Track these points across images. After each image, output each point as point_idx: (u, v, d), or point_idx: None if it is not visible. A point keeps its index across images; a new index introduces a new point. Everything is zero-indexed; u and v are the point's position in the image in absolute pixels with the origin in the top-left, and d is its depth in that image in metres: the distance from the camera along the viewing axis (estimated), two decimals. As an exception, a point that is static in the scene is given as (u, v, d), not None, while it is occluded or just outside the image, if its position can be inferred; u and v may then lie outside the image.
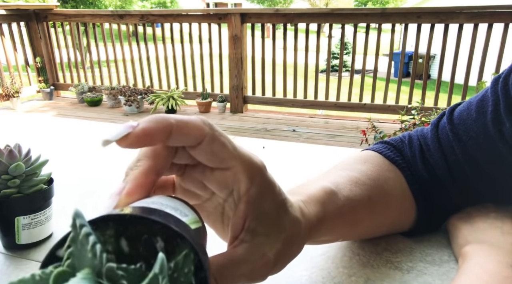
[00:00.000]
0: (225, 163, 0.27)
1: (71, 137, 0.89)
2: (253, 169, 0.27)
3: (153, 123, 0.24)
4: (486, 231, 0.42)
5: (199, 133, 0.25)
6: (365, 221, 0.42)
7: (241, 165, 0.27)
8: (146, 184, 0.25)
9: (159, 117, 0.24)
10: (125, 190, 0.25)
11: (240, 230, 0.28)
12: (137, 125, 0.23)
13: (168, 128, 0.24)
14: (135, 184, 0.25)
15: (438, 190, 0.45)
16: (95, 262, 0.17)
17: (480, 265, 0.37)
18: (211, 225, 0.32)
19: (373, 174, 0.43)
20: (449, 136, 0.44)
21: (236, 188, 0.28)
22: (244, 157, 0.27)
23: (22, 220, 0.46)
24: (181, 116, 0.25)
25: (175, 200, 0.26)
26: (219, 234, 0.32)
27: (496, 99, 0.40)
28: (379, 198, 0.42)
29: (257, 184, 0.27)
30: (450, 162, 0.44)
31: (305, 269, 0.42)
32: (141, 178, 0.25)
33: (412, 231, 0.47)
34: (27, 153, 0.48)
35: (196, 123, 0.25)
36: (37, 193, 0.47)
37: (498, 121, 0.40)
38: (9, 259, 0.46)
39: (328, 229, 0.37)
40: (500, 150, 0.41)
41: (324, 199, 0.36)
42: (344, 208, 0.38)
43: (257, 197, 0.27)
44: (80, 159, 0.76)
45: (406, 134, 0.50)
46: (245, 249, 0.27)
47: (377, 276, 0.41)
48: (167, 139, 0.24)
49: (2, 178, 0.45)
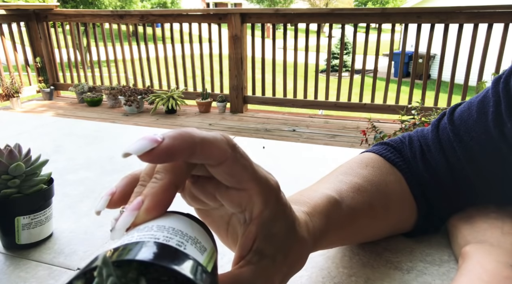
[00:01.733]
0: (242, 185, 0.26)
1: (71, 137, 0.89)
2: (269, 192, 0.27)
3: (179, 140, 0.23)
4: (486, 231, 0.42)
5: (222, 154, 0.25)
6: (366, 228, 0.43)
7: (258, 187, 0.26)
8: (164, 200, 0.24)
9: (185, 134, 0.23)
10: (144, 207, 0.24)
11: (248, 251, 0.27)
12: (162, 140, 0.23)
13: (192, 148, 0.23)
14: (155, 201, 0.24)
15: (439, 191, 0.45)
16: None
17: (480, 265, 0.37)
18: (214, 230, 0.31)
19: (375, 179, 0.43)
20: (450, 136, 0.44)
21: (249, 209, 0.27)
22: (261, 179, 0.27)
23: (22, 220, 0.46)
24: (206, 133, 0.25)
25: (193, 224, 0.26)
26: (222, 239, 0.32)
27: (497, 99, 0.40)
28: (381, 204, 0.42)
29: (271, 207, 0.27)
30: (452, 163, 0.44)
31: (305, 269, 0.42)
32: (161, 194, 0.24)
33: (413, 231, 0.47)
34: (27, 153, 0.48)
35: (220, 145, 0.25)
36: (37, 193, 0.47)
37: (500, 121, 0.40)
38: (9, 259, 0.46)
39: (329, 241, 0.37)
40: (501, 151, 0.41)
41: (328, 210, 0.36)
42: (347, 218, 0.38)
43: (269, 219, 0.27)
44: (80, 159, 0.76)
45: (406, 134, 0.50)
46: (251, 272, 0.26)
47: (377, 276, 0.41)
48: (189, 157, 0.24)
49: (2, 178, 0.45)
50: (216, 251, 0.27)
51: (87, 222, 0.53)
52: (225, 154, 0.25)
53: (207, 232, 0.27)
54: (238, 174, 0.26)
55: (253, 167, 0.27)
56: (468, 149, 0.43)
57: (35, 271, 0.43)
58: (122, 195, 0.26)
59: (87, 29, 4.90)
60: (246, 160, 0.26)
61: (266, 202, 0.27)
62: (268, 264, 0.27)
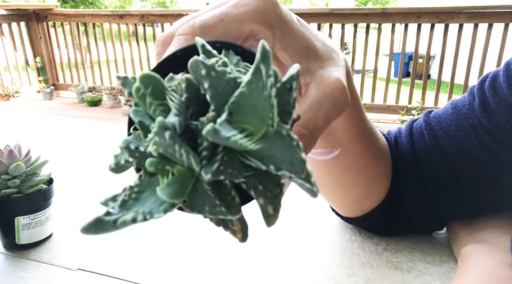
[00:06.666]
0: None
1: (71, 137, 0.89)
2: (266, 16, 0.26)
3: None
4: (485, 230, 0.42)
5: (238, 35, 0.25)
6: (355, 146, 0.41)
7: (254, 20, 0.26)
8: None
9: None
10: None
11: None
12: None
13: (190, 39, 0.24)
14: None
15: (403, 176, 0.45)
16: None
17: (480, 264, 0.37)
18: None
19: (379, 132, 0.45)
20: (422, 125, 0.45)
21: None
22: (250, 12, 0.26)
23: (22, 220, 0.46)
24: (208, 16, 0.25)
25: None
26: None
27: (472, 97, 0.43)
28: (378, 147, 0.43)
29: (276, 27, 0.26)
30: (417, 148, 0.45)
31: (305, 269, 0.42)
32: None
33: (382, 213, 0.46)
34: (27, 153, 0.48)
35: (229, 24, 0.25)
36: (37, 193, 0.47)
37: (471, 115, 0.41)
38: (9, 259, 0.46)
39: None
40: (469, 143, 0.41)
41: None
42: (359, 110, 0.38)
43: (284, 38, 0.26)
44: (80, 159, 0.76)
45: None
46: (314, 88, 0.26)
47: (377, 276, 0.41)
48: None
49: (2, 178, 0.45)
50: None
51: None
52: (242, 33, 0.25)
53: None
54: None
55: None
56: (437, 137, 0.43)
57: (35, 271, 0.43)
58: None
59: (87, 29, 4.89)
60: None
61: (270, 26, 0.26)
62: (322, 73, 0.26)
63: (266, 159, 0.16)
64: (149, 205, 0.17)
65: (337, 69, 0.27)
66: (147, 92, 0.18)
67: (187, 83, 0.18)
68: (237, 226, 0.19)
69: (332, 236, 0.49)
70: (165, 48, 0.25)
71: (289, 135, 0.16)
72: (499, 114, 0.39)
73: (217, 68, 0.17)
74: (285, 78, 0.17)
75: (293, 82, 0.17)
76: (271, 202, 0.18)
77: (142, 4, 18.42)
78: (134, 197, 0.18)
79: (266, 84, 0.16)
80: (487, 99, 0.40)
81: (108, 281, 0.42)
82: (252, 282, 0.41)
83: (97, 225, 0.17)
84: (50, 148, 0.81)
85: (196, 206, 0.18)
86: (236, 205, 0.18)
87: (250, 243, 0.48)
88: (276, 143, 0.16)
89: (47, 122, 0.98)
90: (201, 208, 0.17)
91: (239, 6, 0.25)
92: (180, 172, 0.17)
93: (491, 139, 0.40)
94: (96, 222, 0.17)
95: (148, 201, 0.17)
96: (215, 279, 0.42)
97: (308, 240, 0.49)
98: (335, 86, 0.25)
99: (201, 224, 0.47)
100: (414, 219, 0.46)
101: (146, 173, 0.19)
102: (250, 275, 0.42)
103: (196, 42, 0.20)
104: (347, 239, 0.48)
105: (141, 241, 0.49)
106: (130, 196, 0.18)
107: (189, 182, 0.17)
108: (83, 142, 0.86)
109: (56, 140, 0.88)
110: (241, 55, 0.21)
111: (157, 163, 0.17)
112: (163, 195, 0.16)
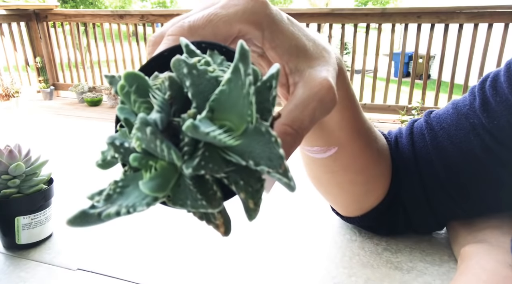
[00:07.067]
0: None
1: (71, 137, 0.89)
2: (254, 17, 0.26)
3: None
4: (485, 230, 0.42)
5: (227, 36, 0.26)
6: (352, 145, 0.40)
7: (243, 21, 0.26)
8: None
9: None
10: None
11: (285, 77, 0.27)
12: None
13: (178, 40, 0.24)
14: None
15: (403, 176, 0.45)
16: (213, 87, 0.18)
17: (480, 264, 0.37)
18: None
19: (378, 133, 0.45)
20: (423, 125, 0.45)
21: (254, 40, 0.27)
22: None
23: (22, 220, 0.46)
24: (197, 17, 0.25)
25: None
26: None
27: (473, 97, 0.43)
28: (376, 146, 0.43)
29: (265, 27, 0.26)
30: (417, 148, 0.45)
31: (305, 269, 0.42)
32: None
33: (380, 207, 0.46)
34: (27, 153, 0.48)
35: (217, 25, 0.25)
36: (37, 193, 0.47)
37: (472, 115, 0.41)
38: (9, 259, 0.46)
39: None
40: (469, 144, 0.41)
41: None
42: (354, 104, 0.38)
43: (273, 38, 0.27)
44: (80, 159, 0.76)
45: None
46: (302, 87, 0.26)
47: (377, 276, 0.41)
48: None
49: (2, 178, 0.45)
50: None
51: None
52: (230, 34, 0.25)
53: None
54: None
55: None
56: (438, 137, 0.43)
57: (35, 271, 0.43)
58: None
59: (87, 29, 4.89)
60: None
61: (258, 26, 0.26)
62: (310, 73, 0.27)
63: (245, 154, 0.17)
64: (133, 199, 0.18)
65: (327, 68, 0.27)
66: (131, 90, 0.18)
67: (170, 81, 0.18)
68: (219, 220, 0.20)
69: (332, 236, 0.49)
70: (155, 48, 0.26)
71: (268, 132, 0.17)
72: (500, 114, 0.39)
73: (198, 66, 0.18)
74: (265, 77, 0.18)
75: (273, 80, 0.18)
76: (252, 197, 0.18)
77: (142, 4, 18.43)
78: (118, 191, 0.18)
79: (245, 82, 0.16)
80: (488, 99, 0.40)
81: (108, 281, 0.42)
82: (252, 282, 0.41)
83: (82, 217, 0.17)
84: (50, 148, 0.81)
85: (179, 200, 0.18)
86: (217, 199, 0.18)
87: (250, 243, 0.48)
88: (256, 139, 0.17)
89: (47, 122, 0.98)
90: (183, 202, 0.18)
91: (228, 7, 0.25)
92: (162, 167, 0.18)
93: (491, 139, 0.40)
94: (81, 215, 0.17)
95: (132, 195, 0.18)
96: (215, 279, 0.42)
97: (308, 240, 0.49)
98: (322, 85, 0.25)
99: (201, 224, 0.47)
100: (414, 219, 0.46)
101: (130, 168, 0.19)
102: (250, 275, 0.42)
103: (181, 42, 0.20)
104: (347, 239, 0.48)
105: (141, 241, 0.49)
106: (115, 190, 0.18)
107: (172, 177, 0.18)
108: (83, 142, 0.86)
109: (56, 140, 0.88)
110: (226, 55, 0.21)
111: (140, 158, 0.17)
112: (145, 189, 0.17)
